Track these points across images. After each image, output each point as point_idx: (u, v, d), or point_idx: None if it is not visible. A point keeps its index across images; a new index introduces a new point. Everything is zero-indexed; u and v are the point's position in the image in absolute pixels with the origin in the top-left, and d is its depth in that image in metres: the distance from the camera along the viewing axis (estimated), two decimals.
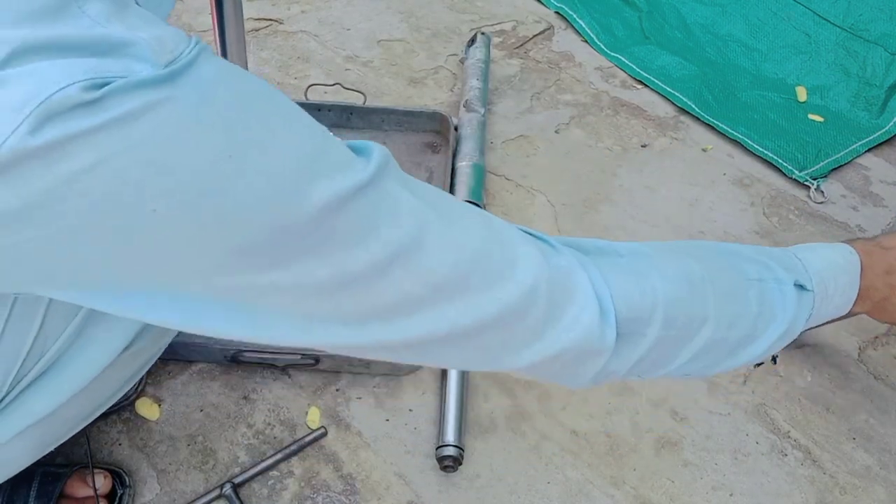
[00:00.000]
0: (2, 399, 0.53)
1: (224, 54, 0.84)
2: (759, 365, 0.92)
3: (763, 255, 0.61)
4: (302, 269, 0.40)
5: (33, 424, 0.56)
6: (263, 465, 0.79)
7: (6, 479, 0.60)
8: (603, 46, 1.46)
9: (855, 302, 0.67)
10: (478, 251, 0.45)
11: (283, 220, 0.38)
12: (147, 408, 0.83)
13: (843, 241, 0.70)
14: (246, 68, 0.82)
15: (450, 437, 0.79)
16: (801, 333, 0.63)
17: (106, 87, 0.33)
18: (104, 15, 0.36)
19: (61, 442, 0.63)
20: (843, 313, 0.68)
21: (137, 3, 0.39)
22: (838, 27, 1.45)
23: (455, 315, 0.44)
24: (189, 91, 0.35)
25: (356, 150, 0.43)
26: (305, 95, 1.23)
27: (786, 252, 0.64)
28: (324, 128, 0.43)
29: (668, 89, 1.35)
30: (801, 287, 0.61)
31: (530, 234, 0.51)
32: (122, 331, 0.58)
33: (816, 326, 0.70)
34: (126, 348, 0.59)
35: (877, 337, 0.97)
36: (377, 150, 0.43)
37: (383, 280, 0.42)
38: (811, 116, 1.31)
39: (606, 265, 0.52)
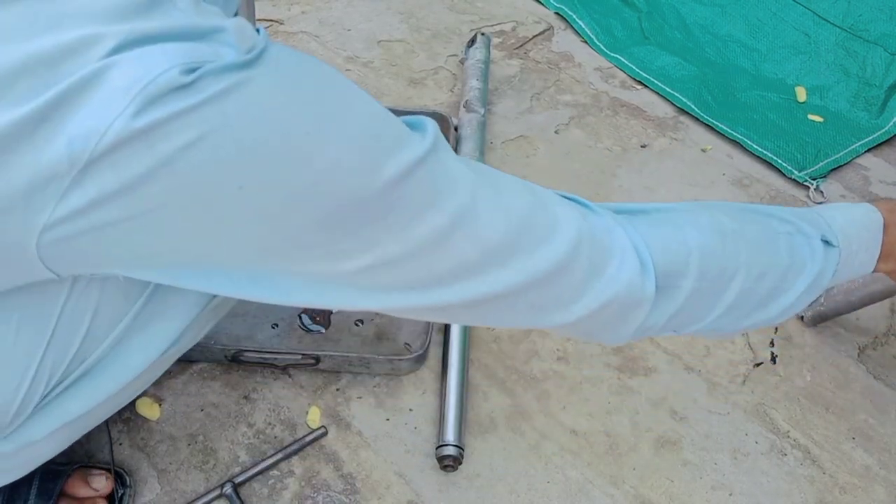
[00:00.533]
0: (44, 397, 0.54)
1: None
2: (758, 364, 0.93)
3: (787, 213, 0.64)
4: (372, 241, 0.43)
5: (67, 423, 0.57)
6: (264, 464, 0.79)
7: (26, 474, 0.61)
8: (602, 47, 1.46)
9: (879, 259, 0.68)
10: (524, 215, 0.49)
11: (357, 193, 0.41)
12: (147, 407, 0.83)
13: (864, 202, 0.70)
14: None
15: (450, 436, 0.79)
16: (827, 291, 0.63)
17: (199, 70, 0.36)
18: (191, 8, 0.39)
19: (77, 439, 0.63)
20: (868, 271, 0.68)
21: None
22: (838, 27, 1.45)
23: (508, 275, 0.48)
24: (269, 73, 0.38)
25: (410, 126, 0.46)
26: None
27: (809, 210, 0.66)
28: (383, 106, 0.45)
29: (668, 90, 1.35)
30: (826, 242, 0.62)
31: (569, 198, 0.55)
32: (162, 336, 0.59)
33: (844, 288, 0.69)
34: (162, 353, 0.60)
35: (876, 337, 0.97)
36: (431, 125, 0.46)
37: (445, 246, 0.45)
38: (811, 117, 1.31)
39: (642, 222, 0.56)
